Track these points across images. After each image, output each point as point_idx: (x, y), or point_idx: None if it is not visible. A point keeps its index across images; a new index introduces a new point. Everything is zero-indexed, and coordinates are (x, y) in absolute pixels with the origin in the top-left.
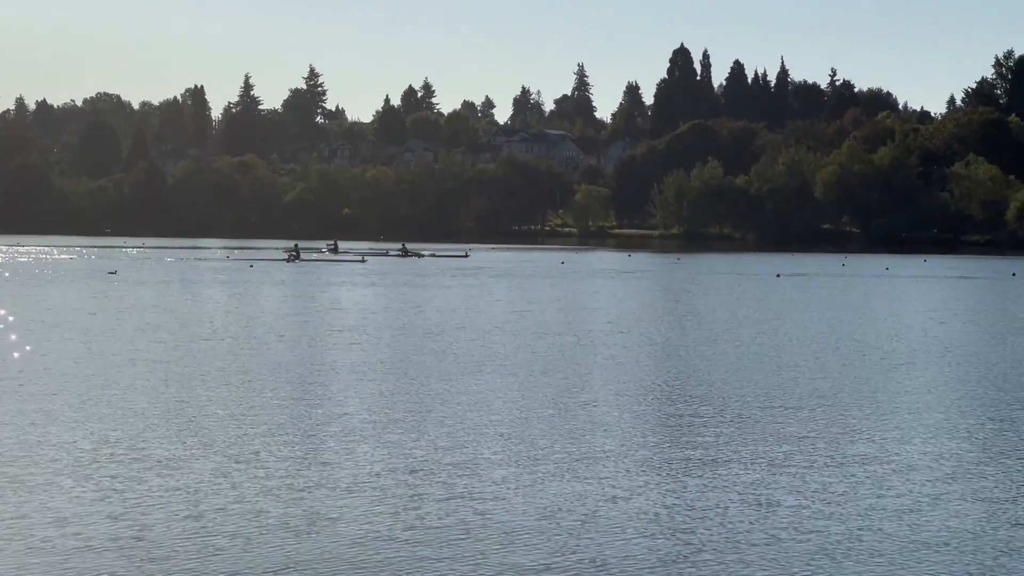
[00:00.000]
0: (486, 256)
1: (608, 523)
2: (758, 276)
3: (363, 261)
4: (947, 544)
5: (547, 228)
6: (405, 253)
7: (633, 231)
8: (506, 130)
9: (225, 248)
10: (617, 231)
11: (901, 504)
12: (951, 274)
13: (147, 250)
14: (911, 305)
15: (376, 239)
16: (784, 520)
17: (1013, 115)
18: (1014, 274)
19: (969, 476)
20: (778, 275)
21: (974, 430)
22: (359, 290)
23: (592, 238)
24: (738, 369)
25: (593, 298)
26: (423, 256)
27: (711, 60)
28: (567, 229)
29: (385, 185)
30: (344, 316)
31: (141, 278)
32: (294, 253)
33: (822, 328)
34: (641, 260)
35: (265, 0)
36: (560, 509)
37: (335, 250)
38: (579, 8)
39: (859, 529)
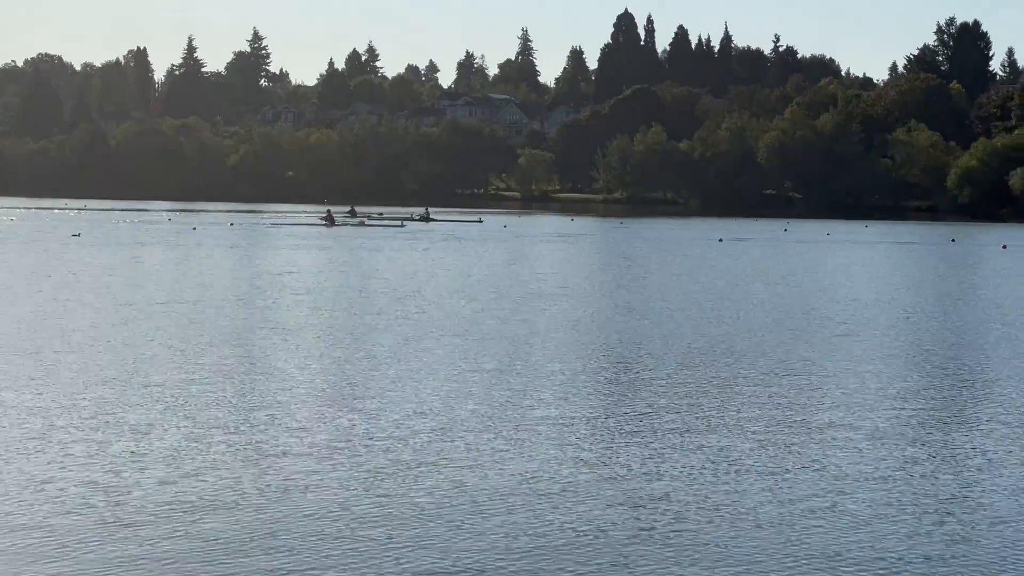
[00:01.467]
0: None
1: (559, 491)
2: (701, 240)
3: (402, 226)
4: (906, 510)
5: (491, 192)
6: (427, 218)
7: (577, 195)
8: (450, 94)
9: (170, 211)
10: (560, 195)
11: (861, 470)
12: (892, 240)
13: (93, 212)
14: (851, 270)
15: (320, 202)
16: (741, 486)
17: (954, 82)
18: (953, 240)
19: (920, 440)
20: (720, 240)
21: (911, 395)
22: (303, 253)
23: (535, 202)
24: (681, 334)
25: (535, 262)
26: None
27: (655, 25)
28: (510, 193)
29: (329, 149)
30: (290, 280)
31: (102, 240)
32: (328, 218)
33: (761, 292)
34: (584, 224)
35: None
36: (514, 477)
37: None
38: None
39: (819, 495)
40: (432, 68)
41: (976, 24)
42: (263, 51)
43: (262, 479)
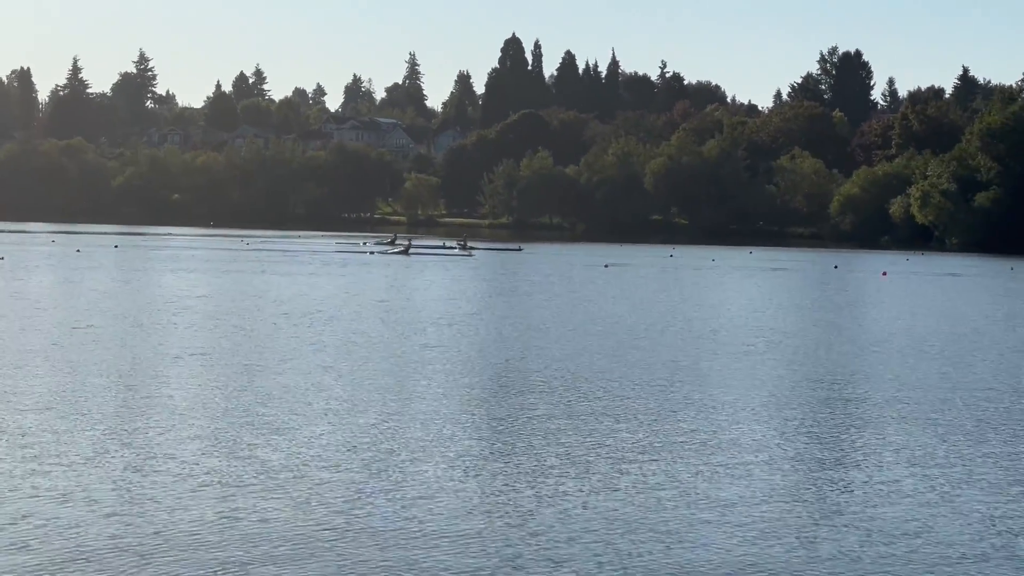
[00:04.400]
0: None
1: (425, 512)
2: (586, 266)
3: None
4: (780, 532)
5: (377, 216)
6: (465, 247)
7: (463, 220)
8: (337, 117)
9: (53, 232)
10: (446, 220)
11: (734, 491)
12: (775, 266)
13: None
14: (734, 295)
15: (207, 225)
16: (612, 506)
17: (837, 110)
18: (836, 266)
19: (796, 460)
20: (607, 265)
21: (783, 418)
22: (202, 276)
23: (421, 227)
24: (566, 357)
25: (423, 287)
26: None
27: (543, 50)
28: (396, 217)
29: (215, 171)
30: (188, 303)
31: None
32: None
33: (647, 317)
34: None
35: None
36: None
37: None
38: None
39: (692, 514)
40: (319, 91)
41: (858, 53)
42: (149, 72)
43: (129, 516)
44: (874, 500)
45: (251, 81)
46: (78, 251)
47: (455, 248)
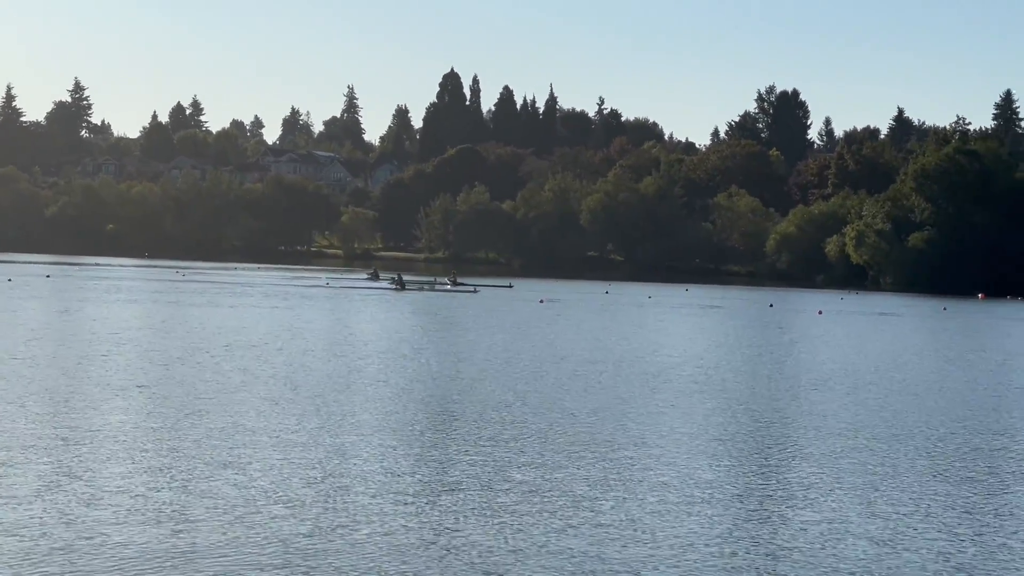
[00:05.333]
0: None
1: (347, 548)
2: (522, 302)
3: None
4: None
5: (314, 249)
6: (455, 283)
7: (399, 254)
8: (275, 150)
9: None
10: (383, 253)
11: (667, 529)
12: (711, 303)
13: None
14: (672, 333)
15: (141, 256)
16: (547, 540)
17: (774, 149)
18: (771, 305)
19: (727, 492)
20: (541, 301)
21: (714, 454)
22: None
23: (358, 260)
24: (498, 395)
25: (356, 321)
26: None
27: (481, 85)
28: (333, 251)
29: (151, 202)
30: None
31: None
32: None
33: (581, 354)
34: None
35: (29, 9)
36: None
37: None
38: (350, 30)
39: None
40: (257, 124)
41: (795, 93)
42: (85, 101)
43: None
44: (812, 537)
45: (188, 112)
46: (9, 280)
47: (446, 284)
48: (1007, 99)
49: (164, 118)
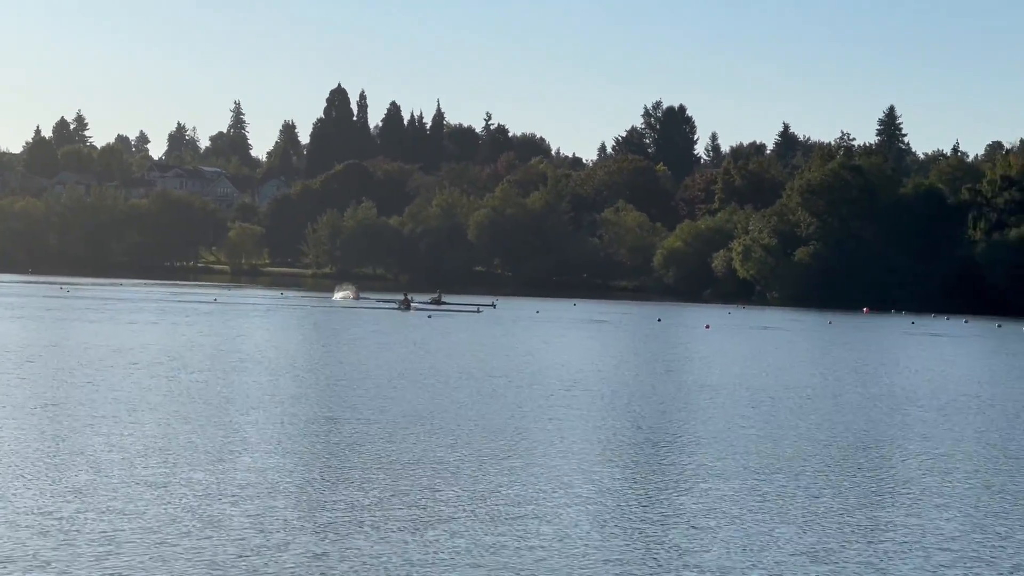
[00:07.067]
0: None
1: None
2: (410, 316)
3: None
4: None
5: (200, 265)
6: (440, 302)
7: (286, 270)
8: (161, 165)
9: None
10: (270, 269)
11: (556, 542)
12: (598, 318)
13: None
14: (559, 347)
15: (24, 271)
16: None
17: (661, 164)
18: (659, 319)
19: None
20: (429, 316)
21: (604, 464)
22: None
23: (245, 276)
24: (383, 409)
25: (241, 336)
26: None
27: (368, 101)
28: (220, 266)
29: (35, 217)
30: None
31: None
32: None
33: (462, 367)
34: (295, 299)
35: None
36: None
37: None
38: (236, 45)
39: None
40: (143, 139)
41: (682, 108)
42: None
43: None
44: (702, 547)
45: (72, 127)
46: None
47: (431, 303)
48: (890, 115)
49: (48, 133)
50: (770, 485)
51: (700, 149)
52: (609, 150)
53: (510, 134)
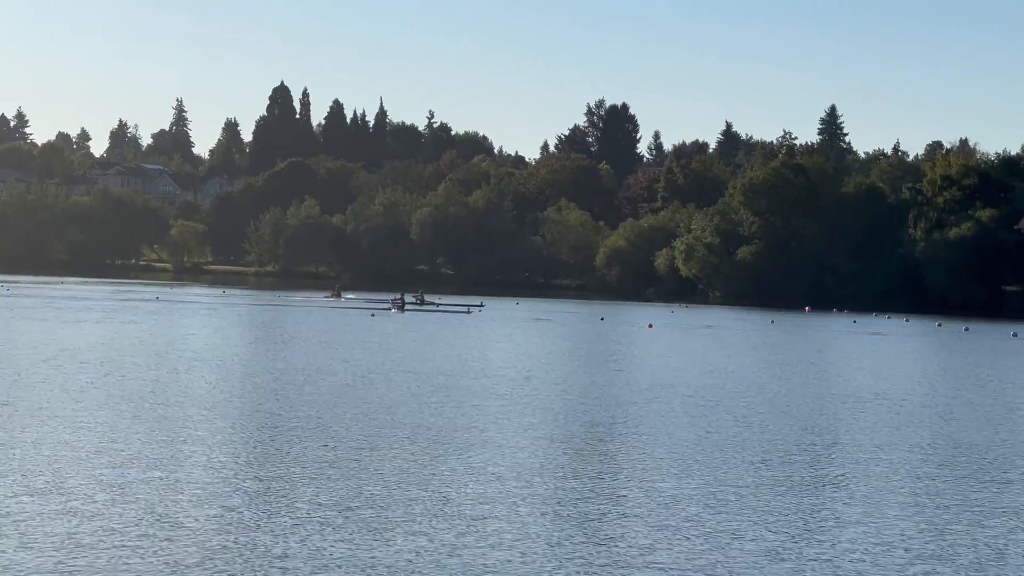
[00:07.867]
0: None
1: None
2: (352, 314)
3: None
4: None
5: (143, 263)
6: (422, 302)
7: (229, 268)
8: (102, 163)
9: None
10: (213, 267)
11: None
12: (541, 317)
13: None
14: (499, 346)
15: None
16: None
17: (604, 163)
18: (602, 318)
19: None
20: (372, 315)
21: (540, 463)
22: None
23: (187, 274)
24: (323, 408)
25: (184, 333)
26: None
27: (311, 98)
28: (162, 264)
29: None
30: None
31: None
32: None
33: (404, 365)
34: (237, 297)
35: None
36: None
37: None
38: (177, 42)
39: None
40: (84, 136)
41: (624, 107)
42: None
43: None
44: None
45: (12, 124)
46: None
47: (415, 302)
48: (832, 114)
49: None
50: (718, 483)
51: (643, 148)
52: (552, 148)
53: (453, 132)
